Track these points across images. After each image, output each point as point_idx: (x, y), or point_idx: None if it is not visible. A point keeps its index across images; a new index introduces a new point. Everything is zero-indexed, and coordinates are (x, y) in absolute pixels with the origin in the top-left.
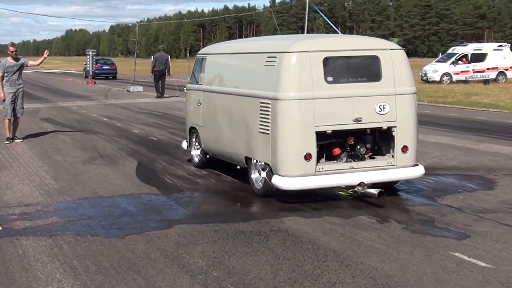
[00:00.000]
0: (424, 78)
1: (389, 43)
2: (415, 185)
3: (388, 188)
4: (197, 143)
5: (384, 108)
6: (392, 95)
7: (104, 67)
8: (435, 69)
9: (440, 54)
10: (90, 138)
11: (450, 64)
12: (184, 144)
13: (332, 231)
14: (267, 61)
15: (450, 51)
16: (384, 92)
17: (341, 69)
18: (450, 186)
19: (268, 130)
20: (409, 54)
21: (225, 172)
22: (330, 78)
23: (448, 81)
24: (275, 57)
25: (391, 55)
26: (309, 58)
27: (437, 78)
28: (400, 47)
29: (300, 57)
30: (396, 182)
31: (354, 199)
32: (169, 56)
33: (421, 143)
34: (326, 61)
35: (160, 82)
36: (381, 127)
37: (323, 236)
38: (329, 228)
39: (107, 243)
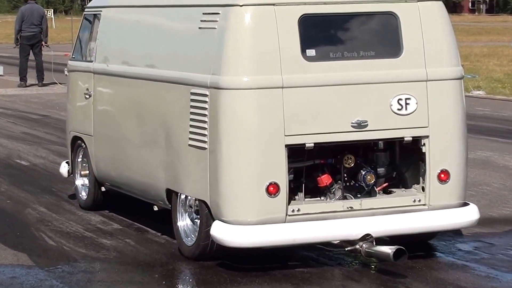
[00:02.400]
0: None
1: None
2: (503, 249)
3: (416, 246)
4: (85, 165)
5: (407, 104)
6: (421, 82)
7: None
8: None
9: None
10: None
11: None
12: (64, 168)
13: None
14: (203, 21)
15: None
16: (406, 77)
17: (331, 37)
18: None
19: (204, 142)
20: (493, 9)
21: (156, 226)
22: (311, 52)
23: None
24: (217, 13)
25: (418, 11)
26: (275, 15)
27: None
28: None
29: (260, 13)
30: (431, 235)
31: (392, 274)
32: (45, 11)
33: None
34: (306, 21)
35: (35, 57)
36: (403, 138)
37: None
38: None
39: None
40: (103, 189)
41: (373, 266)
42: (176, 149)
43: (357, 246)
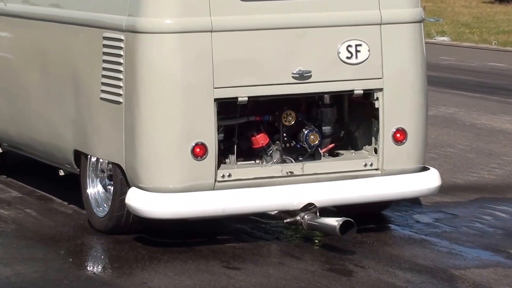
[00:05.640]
0: None
1: None
2: (468, 222)
3: (367, 218)
4: None
5: (357, 51)
6: (374, 25)
7: None
8: None
9: None
10: None
11: None
12: None
13: None
14: None
15: None
16: (357, 19)
17: None
18: None
19: (119, 96)
20: None
21: (61, 194)
22: None
23: None
24: None
25: None
26: None
27: None
28: None
29: None
30: (384, 205)
31: (338, 251)
32: None
33: (484, 133)
34: None
35: None
36: (352, 91)
37: None
38: None
39: None
40: (0, 151)
41: (316, 241)
42: (86, 103)
43: (298, 218)
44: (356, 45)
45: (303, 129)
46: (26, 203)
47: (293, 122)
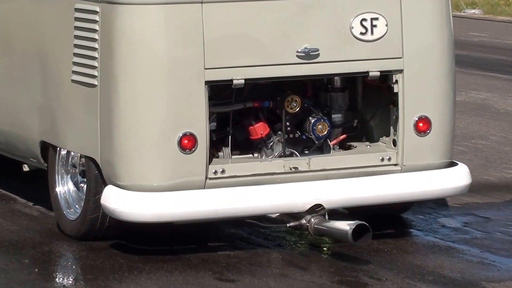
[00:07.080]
0: None
1: None
2: (503, 226)
3: (385, 221)
4: None
5: (373, 26)
6: None
7: None
8: None
9: None
10: None
11: None
12: None
13: None
14: None
15: None
16: None
17: None
18: None
19: (93, 77)
20: None
21: (26, 193)
22: None
23: None
24: None
25: None
26: None
27: None
28: None
29: None
30: (404, 206)
31: (350, 260)
32: None
33: None
34: None
35: None
36: (367, 73)
37: None
38: None
39: None
40: None
41: (324, 249)
42: (54, 86)
43: (303, 221)
44: (372, 19)
45: (310, 118)
46: (4, 211)
47: (297, 109)
